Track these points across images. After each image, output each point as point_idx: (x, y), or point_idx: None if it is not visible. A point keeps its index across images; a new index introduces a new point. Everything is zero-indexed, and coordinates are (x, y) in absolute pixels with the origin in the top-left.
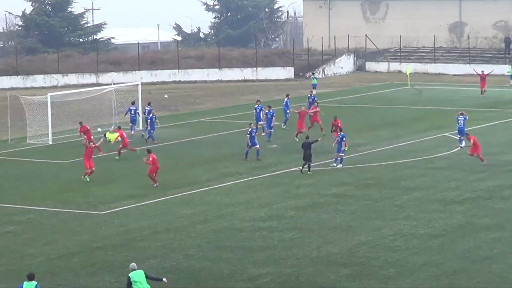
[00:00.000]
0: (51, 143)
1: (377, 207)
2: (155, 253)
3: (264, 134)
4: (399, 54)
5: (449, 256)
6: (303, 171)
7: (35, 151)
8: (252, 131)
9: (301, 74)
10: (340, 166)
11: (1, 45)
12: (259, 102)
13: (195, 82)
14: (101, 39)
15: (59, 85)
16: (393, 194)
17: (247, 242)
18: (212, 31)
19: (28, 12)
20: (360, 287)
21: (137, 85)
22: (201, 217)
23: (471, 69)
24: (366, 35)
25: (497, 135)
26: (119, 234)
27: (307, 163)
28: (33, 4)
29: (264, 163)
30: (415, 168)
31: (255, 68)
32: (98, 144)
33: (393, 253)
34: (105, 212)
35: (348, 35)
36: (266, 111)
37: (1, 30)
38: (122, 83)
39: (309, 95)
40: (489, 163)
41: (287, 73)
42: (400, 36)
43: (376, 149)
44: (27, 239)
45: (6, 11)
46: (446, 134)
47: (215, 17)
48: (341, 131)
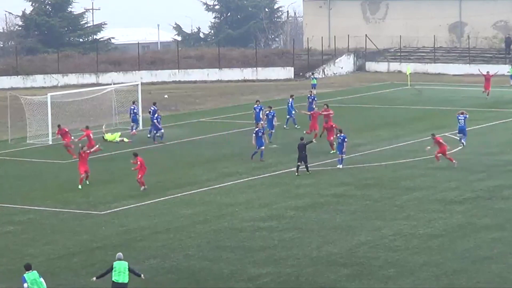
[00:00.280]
0: (51, 143)
1: (377, 207)
2: (155, 253)
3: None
4: (399, 54)
5: (449, 256)
6: (298, 173)
7: (35, 151)
8: (259, 131)
9: (301, 74)
10: (339, 166)
11: (1, 45)
12: (259, 102)
13: (195, 82)
14: (101, 39)
15: (59, 85)
16: (393, 194)
17: (247, 242)
18: (212, 31)
19: (28, 12)
20: (360, 287)
21: (137, 85)
22: (201, 217)
23: (471, 69)
24: (366, 35)
25: (497, 135)
26: (119, 234)
27: (303, 163)
28: (33, 4)
29: (264, 163)
30: (415, 168)
31: (255, 68)
32: (93, 150)
33: (393, 253)
34: (105, 212)
35: (348, 35)
36: (267, 111)
37: (1, 30)
38: (122, 83)
39: (309, 95)
40: (489, 163)
41: (287, 73)
42: (400, 36)
43: (376, 149)
44: (27, 239)
45: (6, 11)
46: (446, 134)
47: (215, 17)
48: (340, 132)
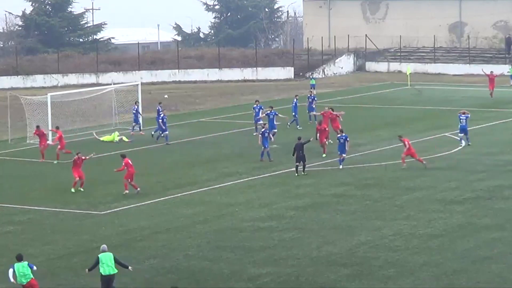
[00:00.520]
0: (51, 143)
1: (377, 207)
2: (155, 253)
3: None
4: (399, 54)
5: (449, 256)
6: (298, 173)
7: (35, 151)
8: (265, 131)
9: (301, 74)
10: (340, 166)
11: (1, 45)
12: (258, 102)
13: (195, 82)
14: (101, 39)
15: (59, 85)
16: (393, 194)
17: (247, 242)
18: (212, 31)
19: (28, 12)
20: (360, 287)
21: (137, 85)
22: (201, 217)
23: (471, 69)
24: (366, 35)
25: (497, 135)
26: (119, 234)
27: (301, 163)
28: (33, 4)
29: (264, 163)
30: (415, 168)
31: (255, 68)
32: (88, 157)
33: (393, 253)
34: (105, 212)
35: (348, 35)
36: (268, 111)
37: (1, 30)
38: (122, 83)
39: (309, 95)
40: (489, 163)
41: (287, 73)
42: (400, 36)
43: (376, 149)
44: (27, 239)
45: (6, 11)
46: (446, 134)
47: (215, 17)
48: (342, 132)
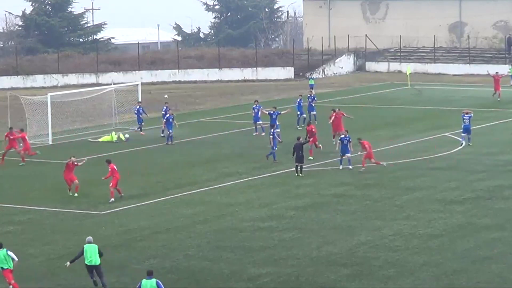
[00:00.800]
0: (51, 143)
1: (377, 207)
2: (155, 253)
3: (263, 134)
4: (399, 54)
5: (449, 256)
6: (298, 173)
7: (35, 151)
8: (274, 132)
9: (301, 74)
10: (340, 167)
11: (1, 45)
12: (257, 102)
13: (195, 82)
14: (101, 39)
15: (59, 85)
16: (393, 194)
17: (247, 242)
18: (212, 31)
19: (28, 12)
20: (360, 287)
21: (137, 85)
22: (201, 217)
23: (471, 69)
24: (366, 35)
25: (497, 135)
26: (119, 234)
27: (299, 164)
28: (33, 4)
29: (264, 163)
30: (415, 168)
31: (255, 68)
32: (81, 163)
33: (393, 253)
34: (105, 212)
35: (348, 35)
36: (271, 111)
37: (1, 30)
38: (122, 83)
39: (308, 95)
40: (489, 163)
41: (287, 73)
42: (400, 36)
43: (376, 149)
44: (27, 239)
45: (6, 11)
46: (446, 134)
47: (215, 17)
48: (347, 132)
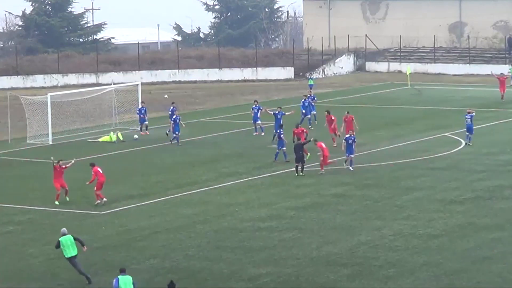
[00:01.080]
0: (51, 143)
1: (377, 207)
2: (155, 253)
3: (263, 134)
4: (399, 54)
5: (449, 256)
6: (298, 173)
7: (35, 151)
8: (280, 132)
9: (301, 74)
10: (351, 168)
11: (1, 45)
12: (257, 102)
13: (195, 82)
14: (101, 39)
15: (59, 85)
16: (393, 194)
17: (247, 242)
18: (212, 31)
19: (28, 12)
20: (360, 287)
21: (137, 85)
22: (201, 217)
23: (471, 69)
24: (366, 35)
25: (497, 135)
26: (119, 234)
27: (300, 164)
28: (33, 4)
29: (264, 163)
30: (415, 168)
31: (255, 68)
32: (68, 165)
33: (393, 253)
34: (105, 212)
35: (348, 35)
36: (276, 111)
37: (1, 30)
38: (122, 83)
39: (308, 95)
40: (489, 163)
41: (287, 73)
42: (400, 36)
43: (376, 149)
44: (27, 239)
45: (6, 11)
46: (446, 134)
47: (215, 17)
48: (353, 132)
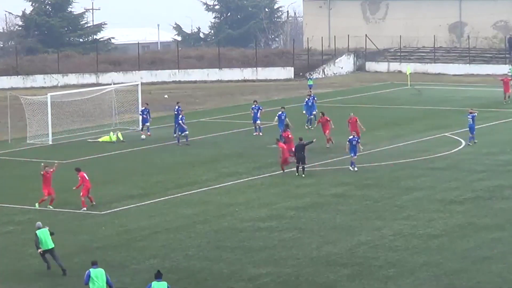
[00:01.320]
0: (51, 143)
1: (377, 207)
2: (155, 253)
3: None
4: (399, 54)
5: (449, 256)
6: (298, 173)
7: (35, 151)
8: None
9: (301, 74)
10: (356, 168)
11: (1, 45)
12: (256, 102)
13: (195, 82)
14: (101, 39)
15: (59, 85)
16: (393, 194)
17: (247, 242)
18: (212, 31)
19: (28, 12)
20: (360, 287)
21: (137, 85)
22: (201, 217)
23: (471, 69)
24: (366, 35)
25: (497, 135)
26: (119, 234)
27: (301, 165)
28: (33, 4)
29: (264, 163)
30: (415, 168)
31: (255, 68)
32: (52, 170)
33: (393, 253)
34: (105, 212)
35: (348, 35)
36: (279, 112)
37: (1, 30)
38: (122, 83)
39: (308, 95)
40: (489, 163)
41: (287, 73)
42: (400, 36)
43: (376, 149)
44: (27, 239)
45: (6, 11)
46: (446, 134)
47: (215, 17)
48: (357, 133)
